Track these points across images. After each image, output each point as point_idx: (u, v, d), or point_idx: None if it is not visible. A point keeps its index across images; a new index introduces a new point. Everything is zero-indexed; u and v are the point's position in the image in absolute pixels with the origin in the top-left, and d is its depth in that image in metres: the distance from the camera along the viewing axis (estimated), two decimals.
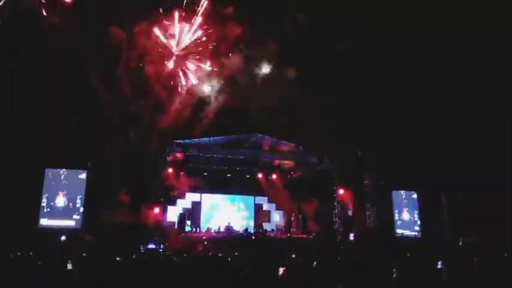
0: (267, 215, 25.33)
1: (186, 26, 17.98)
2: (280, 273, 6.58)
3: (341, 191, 21.90)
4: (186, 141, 19.89)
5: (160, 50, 18.13)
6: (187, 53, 18.57)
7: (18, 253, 10.97)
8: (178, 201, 23.14)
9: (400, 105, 19.44)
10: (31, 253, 11.42)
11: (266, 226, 24.31)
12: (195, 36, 18.20)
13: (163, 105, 18.96)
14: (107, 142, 18.83)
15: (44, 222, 17.93)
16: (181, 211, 22.19)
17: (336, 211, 22.07)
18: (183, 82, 19.04)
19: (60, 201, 18.36)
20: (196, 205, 23.77)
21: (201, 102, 19.44)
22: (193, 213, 23.12)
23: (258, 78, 19.49)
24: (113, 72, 18.40)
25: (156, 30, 17.75)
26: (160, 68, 18.32)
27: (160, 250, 17.27)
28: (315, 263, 7.07)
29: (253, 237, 20.87)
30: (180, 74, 18.96)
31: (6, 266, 7.98)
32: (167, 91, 18.83)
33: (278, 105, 19.31)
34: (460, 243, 19.47)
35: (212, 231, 21.39)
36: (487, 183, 18.88)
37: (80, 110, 18.65)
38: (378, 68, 18.57)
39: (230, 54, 18.47)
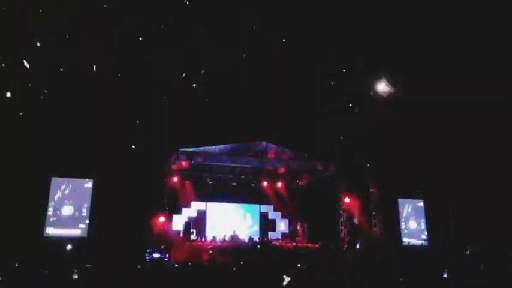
0: (272, 224, 25.25)
1: None
2: (285, 282, 6.54)
3: (347, 199, 21.80)
4: (191, 149, 19.95)
5: None
6: None
7: (24, 262, 11.00)
8: (184, 210, 23.16)
9: (406, 112, 19.37)
10: (37, 262, 11.44)
11: (271, 235, 24.22)
12: None
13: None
14: (113, 151, 18.93)
15: (50, 231, 17.98)
16: (186, 220, 22.17)
17: (342, 219, 21.95)
18: None
19: (66, 210, 18.42)
20: (202, 214, 23.76)
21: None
22: (198, 222, 23.09)
23: None
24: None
25: None
26: None
27: (166, 259, 17.26)
28: (320, 271, 7.03)
29: (258, 246, 20.77)
30: None
31: (12, 275, 8.01)
32: None
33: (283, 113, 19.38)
34: (468, 252, 19.23)
35: (217, 240, 21.32)
36: (495, 189, 18.70)
37: (86, 118, 18.79)
38: (380, 73, 18.51)
39: None
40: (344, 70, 18.41)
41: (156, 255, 17.36)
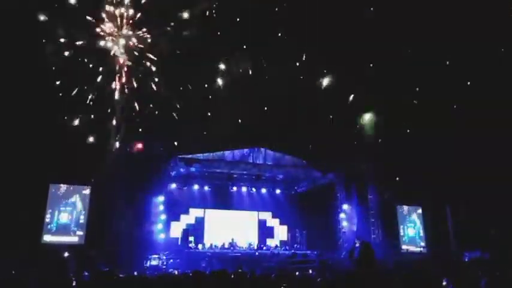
0: (270, 231, 25.18)
1: None
2: None
3: (345, 206, 21.77)
4: (190, 156, 19.93)
5: None
6: None
7: (21, 269, 10.94)
8: (182, 216, 23.09)
9: (404, 118, 19.41)
10: (34, 269, 11.36)
11: (270, 242, 24.13)
12: None
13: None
14: (111, 157, 18.89)
15: (48, 238, 17.84)
16: (184, 227, 22.08)
17: (340, 226, 21.89)
18: None
19: (64, 217, 18.30)
20: (200, 221, 23.69)
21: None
22: (196, 229, 23.00)
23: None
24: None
25: None
26: None
27: (163, 266, 17.17)
28: (319, 279, 7.01)
29: (256, 253, 20.68)
30: None
31: (10, 282, 7.95)
32: None
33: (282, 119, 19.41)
34: (466, 259, 19.20)
35: (215, 247, 21.22)
36: (494, 196, 18.66)
37: (83, 124, 18.76)
38: (378, 79, 18.55)
39: None
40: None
41: (154, 262, 17.28)
